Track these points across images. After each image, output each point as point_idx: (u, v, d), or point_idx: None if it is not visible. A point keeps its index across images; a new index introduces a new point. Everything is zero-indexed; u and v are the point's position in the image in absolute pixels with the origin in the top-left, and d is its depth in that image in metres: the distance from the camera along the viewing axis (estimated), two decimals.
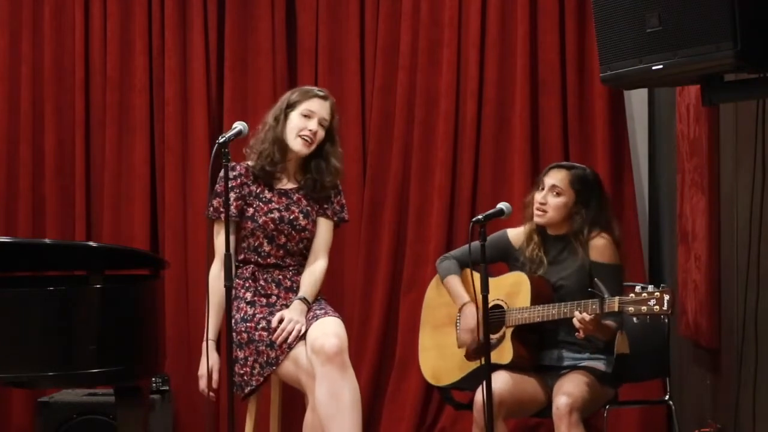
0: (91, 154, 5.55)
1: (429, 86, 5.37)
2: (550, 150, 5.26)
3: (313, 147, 4.10)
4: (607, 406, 4.21)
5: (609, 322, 3.98)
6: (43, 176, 5.54)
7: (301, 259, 4.16)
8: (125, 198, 5.51)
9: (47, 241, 5.25)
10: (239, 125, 3.79)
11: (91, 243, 5.27)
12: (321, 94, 4.16)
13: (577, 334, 3.91)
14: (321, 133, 4.11)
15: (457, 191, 5.35)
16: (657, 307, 3.74)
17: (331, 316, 4.05)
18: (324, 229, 4.18)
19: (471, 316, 4.14)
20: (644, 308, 3.76)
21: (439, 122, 5.36)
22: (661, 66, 2.97)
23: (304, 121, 4.08)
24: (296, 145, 4.08)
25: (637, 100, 5.37)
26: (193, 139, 5.46)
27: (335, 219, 4.20)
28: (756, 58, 2.76)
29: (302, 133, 4.07)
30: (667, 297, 3.73)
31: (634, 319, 3.83)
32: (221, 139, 3.68)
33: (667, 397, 4.53)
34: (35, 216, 5.54)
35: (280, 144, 4.10)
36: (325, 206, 4.18)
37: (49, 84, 5.54)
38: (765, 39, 2.75)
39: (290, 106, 4.12)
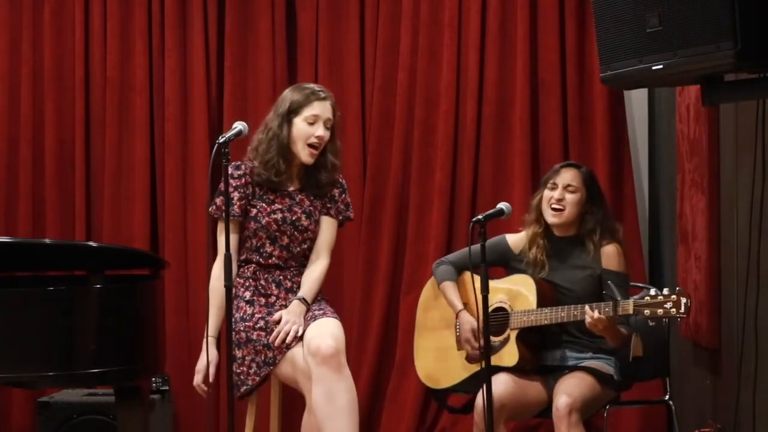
0: (91, 154, 5.55)
1: (429, 86, 5.36)
2: (550, 150, 5.26)
3: (318, 152, 4.08)
4: (607, 406, 4.20)
5: (622, 329, 3.98)
6: (43, 176, 5.54)
7: (304, 260, 4.14)
8: (125, 198, 5.50)
9: (47, 241, 5.25)
10: (239, 125, 3.79)
11: (91, 243, 5.26)
12: (322, 95, 4.09)
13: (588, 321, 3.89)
14: (327, 136, 4.07)
15: (457, 191, 5.35)
16: (674, 309, 3.75)
17: (329, 317, 4.02)
18: (327, 227, 4.15)
19: (467, 324, 4.15)
20: (660, 311, 3.76)
21: (439, 122, 5.35)
22: (661, 66, 2.97)
23: (310, 128, 4.03)
24: (304, 154, 4.04)
25: (637, 100, 5.36)
26: (193, 139, 5.46)
27: (339, 218, 4.18)
28: (756, 58, 2.76)
29: (310, 141, 4.02)
30: (684, 300, 3.74)
31: (650, 322, 3.83)
32: (221, 139, 3.68)
33: (667, 397, 4.53)
34: (35, 216, 5.54)
35: (286, 153, 4.05)
36: (329, 205, 4.15)
37: (49, 84, 5.54)
38: (765, 39, 2.75)
39: (293, 112, 4.05)
